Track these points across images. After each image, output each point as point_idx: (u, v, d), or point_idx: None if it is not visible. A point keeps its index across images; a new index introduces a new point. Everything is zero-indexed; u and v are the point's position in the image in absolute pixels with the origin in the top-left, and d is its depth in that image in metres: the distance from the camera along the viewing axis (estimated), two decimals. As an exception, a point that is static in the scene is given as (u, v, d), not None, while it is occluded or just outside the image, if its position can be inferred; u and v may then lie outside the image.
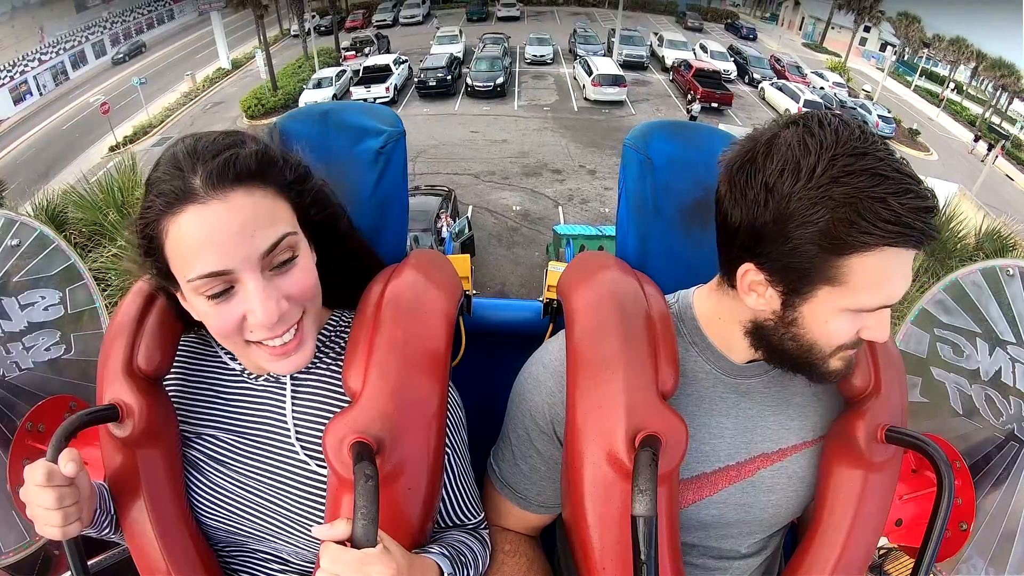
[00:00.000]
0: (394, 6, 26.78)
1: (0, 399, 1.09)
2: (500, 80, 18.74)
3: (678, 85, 20.28)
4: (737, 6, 30.12)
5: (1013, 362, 1.07)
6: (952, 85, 23.55)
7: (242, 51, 23.48)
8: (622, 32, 22.63)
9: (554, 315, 1.10)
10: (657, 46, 22.97)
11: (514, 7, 27.27)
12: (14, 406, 1.10)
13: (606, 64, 19.49)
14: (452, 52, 20.76)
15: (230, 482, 0.80)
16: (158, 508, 0.77)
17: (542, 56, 22.08)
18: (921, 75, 24.68)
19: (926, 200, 0.63)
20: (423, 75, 18.86)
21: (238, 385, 0.82)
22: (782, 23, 29.61)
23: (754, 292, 0.72)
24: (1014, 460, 1.04)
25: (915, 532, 0.95)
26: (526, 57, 22.14)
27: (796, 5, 29.00)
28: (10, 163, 16.83)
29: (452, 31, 23.46)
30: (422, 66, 19.42)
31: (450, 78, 18.80)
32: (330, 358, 0.82)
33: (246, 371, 0.82)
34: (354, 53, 22.73)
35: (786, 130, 0.67)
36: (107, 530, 0.79)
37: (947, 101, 23.10)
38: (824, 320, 0.70)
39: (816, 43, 27.75)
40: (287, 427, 0.80)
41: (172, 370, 0.82)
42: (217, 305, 0.68)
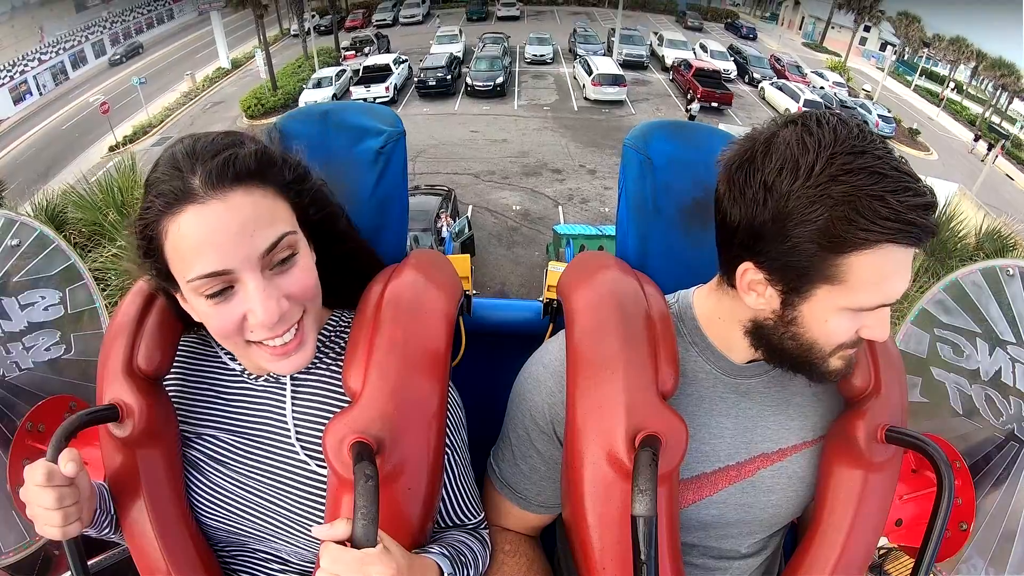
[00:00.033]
0: (394, 6, 26.75)
1: (0, 399, 1.09)
2: (500, 80, 18.72)
3: (678, 85, 20.25)
4: (737, 5, 30.10)
5: (1013, 362, 1.06)
6: (952, 85, 23.54)
7: (242, 51, 23.47)
8: (622, 31, 22.61)
9: (554, 315, 1.10)
10: (657, 46, 22.95)
11: (514, 6, 27.23)
12: (14, 406, 1.10)
13: (606, 64, 19.47)
14: (452, 52, 20.75)
15: (230, 482, 0.80)
16: (158, 508, 0.77)
17: (542, 56, 22.06)
18: (921, 75, 24.67)
19: (924, 197, 0.63)
20: (423, 75, 18.85)
21: (238, 385, 0.82)
22: (782, 23, 29.59)
23: (753, 291, 0.72)
24: (1014, 460, 1.04)
25: (915, 532, 0.95)
26: (526, 57, 22.12)
27: (796, 5, 28.98)
28: (10, 163, 16.83)
29: (452, 31, 23.44)
30: (422, 66, 19.40)
31: (450, 78, 18.78)
32: (330, 358, 0.82)
33: (246, 371, 0.82)
34: (354, 53, 22.72)
35: (785, 129, 0.67)
36: (107, 530, 0.79)
37: (947, 101, 23.09)
38: (823, 319, 0.70)
39: (816, 43, 27.73)
40: (287, 427, 0.80)
41: (172, 370, 0.82)
42: (217, 305, 0.68)
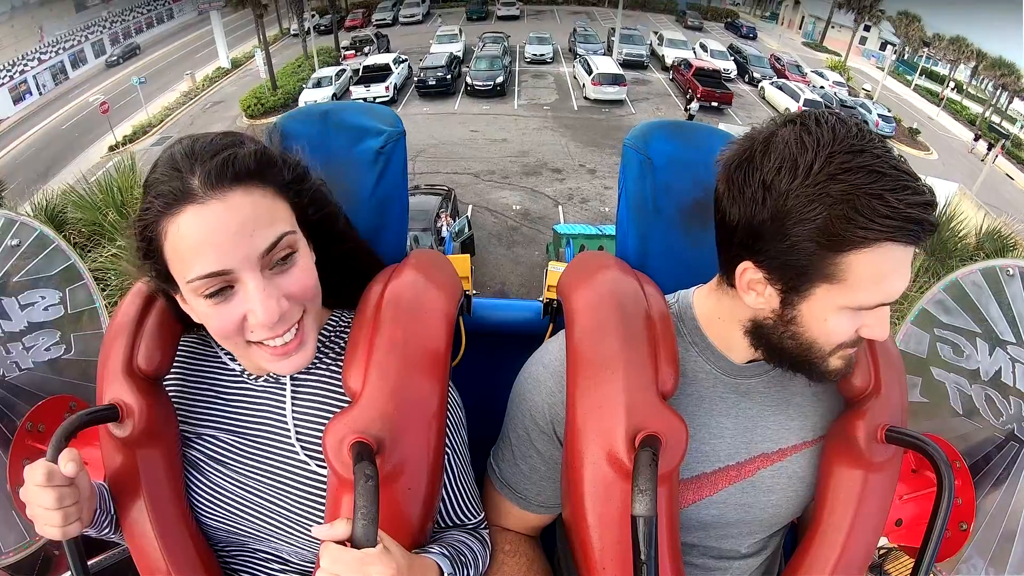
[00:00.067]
0: (393, 5, 26.73)
1: (0, 399, 1.09)
2: (500, 79, 18.70)
3: (678, 84, 20.24)
4: (737, 5, 30.08)
5: (1013, 362, 1.06)
6: (952, 84, 23.53)
7: (242, 50, 23.46)
8: (622, 31, 22.60)
9: (554, 315, 1.10)
10: (657, 45, 22.93)
11: (514, 6, 27.21)
12: (14, 406, 1.10)
13: (606, 63, 19.46)
14: (452, 51, 20.73)
15: (230, 482, 0.80)
16: (158, 508, 0.77)
17: (542, 55, 22.04)
18: (921, 74, 24.66)
19: (923, 196, 0.63)
20: (423, 74, 18.83)
21: (238, 385, 0.82)
22: (782, 22, 29.58)
23: (753, 291, 0.72)
24: (1014, 460, 1.04)
25: (915, 532, 0.95)
26: (526, 56, 22.09)
27: (796, 4, 28.96)
28: (9, 163, 16.83)
29: (452, 30, 23.41)
30: (422, 65, 19.39)
31: (450, 77, 18.76)
32: (330, 358, 0.82)
33: (246, 371, 0.82)
34: (354, 52, 22.69)
35: (784, 128, 0.67)
36: (107, 530, 0.79)
37: (947, 100, 23.08)
38: (823, 318, 0.70)
39: (816, 42, 27.72)
40: (287, 427, 0.80)
41: (172, 370, 0.82)
42: (217, 306, 0.68)
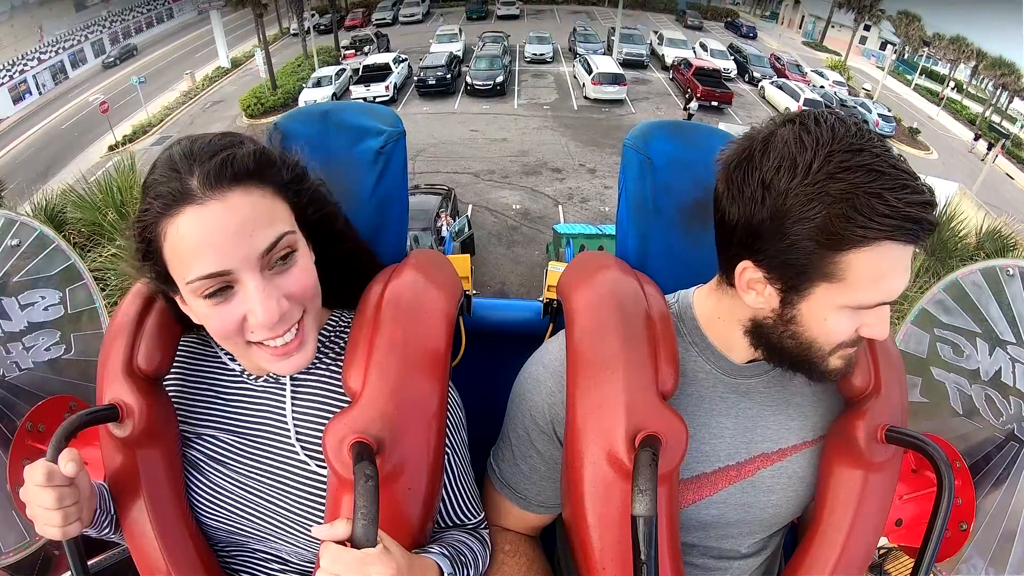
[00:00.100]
0: (393, 4, 26.71)
1: (0, 399, 1.09)
2: (500, 79, 18.68)
3: (678, 84, 20.22)
4: (737, 4, 30.06)
5: (1013, 362, 1.06)
6: (952, 84, 23.51)
7: (241, 50, 23.44)
8: (622, 30, 22.58)
9: (554, 315, 1.10)
10: (657, 44, 22.91)
11: (514, 5, 27.18)
12: (14, 406, 1.10)
13: (606, 62, 19.44)
14: (452, 51, 20.70)
15: (230, 482, 0.80)
16: (158, 508, 0.77)
17: (542, 55, 22.02)
18: (921, 74, 24.65)
19: (923, 195, 0.63)
20: (423, 74, 18.82)
21: (238, 386, 0.82)
22: (782, 21, 29.56)
23: (753, 290, 0.72)
24: (1014, 460, 1.03)
25: (915, 532, 0.95)
26: (526, 56, 22.07)
27: (796, 3, 28.94)
28: (9, 162, 16.82)
29: (452, 29, 23.39)
30: (422, 65, 19.37)
31: (450, 77, 18.74)
32: (330, 358, 0.82)
33: (246, 372, 0.82)
34: (354, 52, 22.67)
35: (783, 128, 0.67)
36: (107, 530, 0.79)
37: (947, 100, 23.07)
38: (823, 317, 0.70)
39: (816, 41, 27.70)
40: (287, 427, 0.80)
41: (172, 370, 0.82)
42: (217, 306, 0.68)
